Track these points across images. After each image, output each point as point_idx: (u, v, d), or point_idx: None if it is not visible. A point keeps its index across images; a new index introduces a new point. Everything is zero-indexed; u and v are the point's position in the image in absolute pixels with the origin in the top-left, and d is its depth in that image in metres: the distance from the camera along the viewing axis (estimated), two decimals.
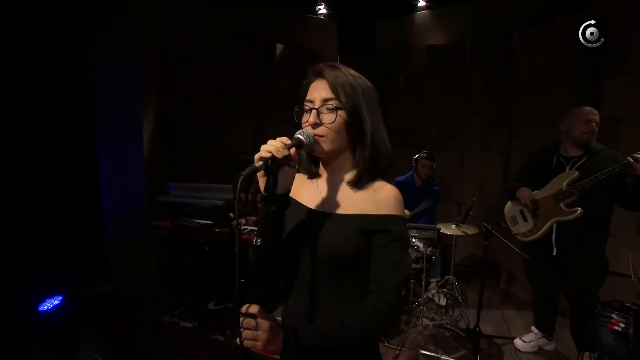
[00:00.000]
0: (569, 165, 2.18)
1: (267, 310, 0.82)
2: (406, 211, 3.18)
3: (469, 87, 4.06)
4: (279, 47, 4.24)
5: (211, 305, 3.20)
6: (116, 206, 3.22)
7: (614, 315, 1.71)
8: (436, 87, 4.32)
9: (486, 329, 2.79)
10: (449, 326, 2.83)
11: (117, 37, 3.04)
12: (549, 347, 2.60)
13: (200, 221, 3.19)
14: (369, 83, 0.96)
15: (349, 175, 0.97)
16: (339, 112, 0.90)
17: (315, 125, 0.90)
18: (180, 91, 3.77)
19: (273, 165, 0.80)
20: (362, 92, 0.93)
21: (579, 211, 2.06)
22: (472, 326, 2.65)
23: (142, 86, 3.13)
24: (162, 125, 3.64)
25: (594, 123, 2.13)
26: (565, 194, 2.11)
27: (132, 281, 3.29)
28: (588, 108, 2.18)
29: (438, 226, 2.96)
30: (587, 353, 2.28)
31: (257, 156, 0.80)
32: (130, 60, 3.07)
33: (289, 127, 0.93)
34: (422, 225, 3.08)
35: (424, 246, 2.95)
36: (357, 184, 0.94)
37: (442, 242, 3.25)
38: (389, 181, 0.98)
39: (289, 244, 0.93)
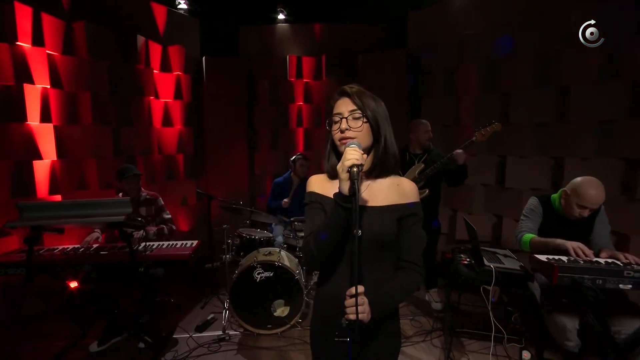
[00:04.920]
0: (417, 160, 3.10)
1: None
2: (285, 200, 3.64)
3: (326, 96, 4.76)
4: (140, 39, 3.71)
5: (94, 347, 2.61)
6: None
7: (462, 255, 2.61)
8: (299, 94, 4.85)
9: None
10: None
11: None
12: None
13: (69, 246, 2.55)
14: (381, 101, 1.22)
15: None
16: (364, 119, 1.14)
17: (345, 130, 1.13)
18: (12, 80, 2.76)
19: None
20: (378, 106, 1.19)
21: (427, 192, 2.96)
22: None
23: None
24: None
25: (430, 132, 3.13)
26: (417, 180, 2.98)
27: None
28: (425, 122, 3.16)
29: None
30: (432, 289, 3.34)
31: (348, 163, 0.99)
32: None
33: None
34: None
35: None
36: (371, 173, 1.19)
37: None
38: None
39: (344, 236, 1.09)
